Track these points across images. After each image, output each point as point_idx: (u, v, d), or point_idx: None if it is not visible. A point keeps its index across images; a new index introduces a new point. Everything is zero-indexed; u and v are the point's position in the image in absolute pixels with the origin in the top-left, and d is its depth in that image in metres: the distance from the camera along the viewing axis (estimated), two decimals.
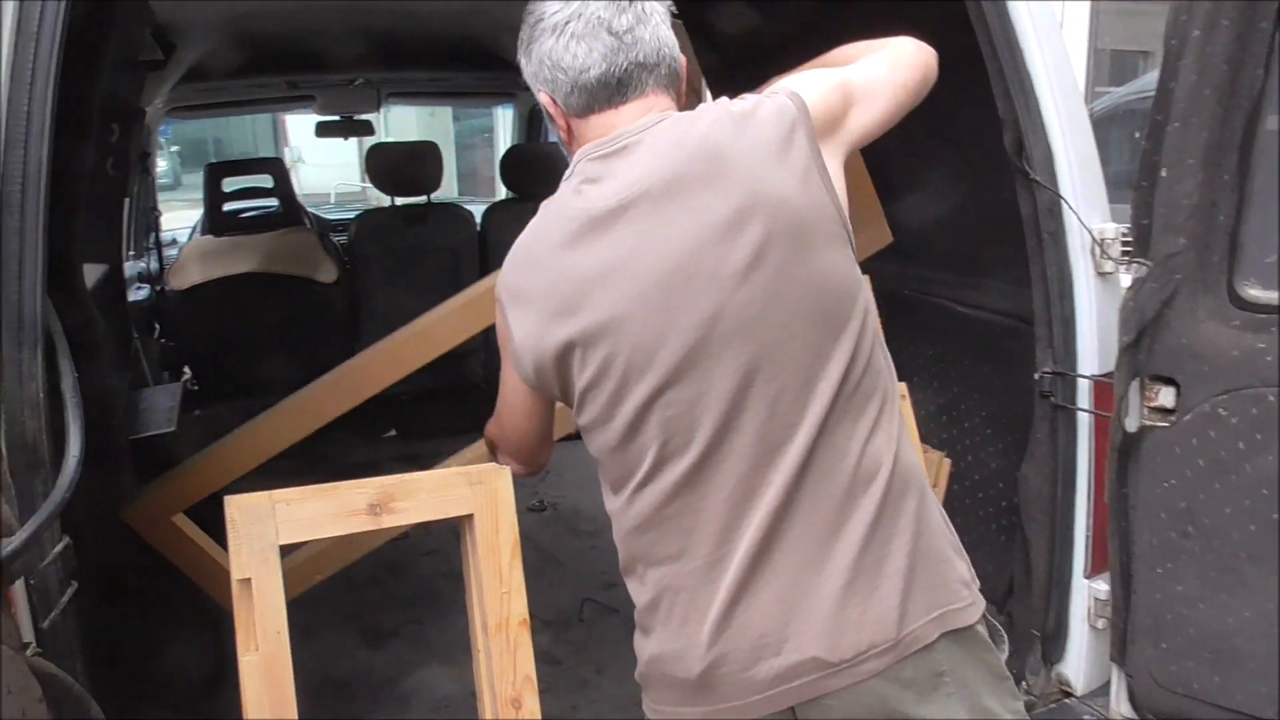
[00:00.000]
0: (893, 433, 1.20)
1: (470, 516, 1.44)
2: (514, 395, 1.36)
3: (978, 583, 1.25)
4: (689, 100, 1.31)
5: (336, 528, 1.38)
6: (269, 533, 1.33)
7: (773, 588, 1.16)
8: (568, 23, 1.19)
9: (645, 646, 1.26)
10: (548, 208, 1.27)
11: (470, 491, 1.44)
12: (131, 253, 4.10)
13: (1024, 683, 1.94)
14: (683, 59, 1.27)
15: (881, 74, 1.30)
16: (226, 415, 3.68)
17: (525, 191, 3.82)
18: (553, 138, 4.79)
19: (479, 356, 3.93)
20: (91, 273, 2.91)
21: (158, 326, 3.66)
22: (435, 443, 4.02)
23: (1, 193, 1.21)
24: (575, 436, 1.38)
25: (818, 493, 1.16)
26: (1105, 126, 7.09)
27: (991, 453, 2.27)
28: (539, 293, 1.22)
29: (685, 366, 1.15)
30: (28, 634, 1.16)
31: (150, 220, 4.15)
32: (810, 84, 1.24)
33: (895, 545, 1.17)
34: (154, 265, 3.79)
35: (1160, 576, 1.65)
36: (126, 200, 3.68)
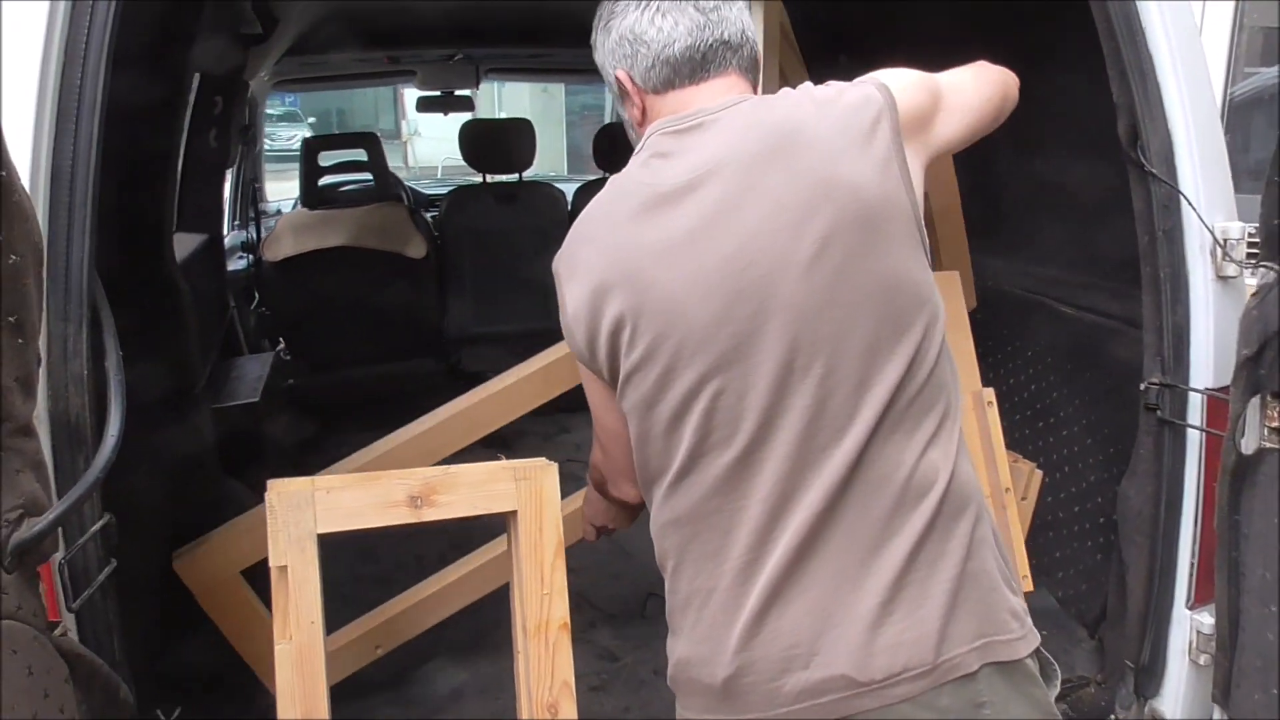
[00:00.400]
0: (951, 450, 1.13)
1: (514, 513, 1.40)
2: (596, 394, 1.28)
3: (1029, 617, 1.17)
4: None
5: (376, 519, 1.35)
6: (307, 520, 1.31)
7: (807, 597, 1.10)
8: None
9: (675, 648, 1.21)
10: (614, 182, 1.23)
11: (515, 487, 1.39)
12: (236, 223, 4.22)
13: (1113, 717, 1.80)
14: (760, 50, 1.24)
15: (968, 86, 1.27)
16: (317, 386, 3.78)
17: (616, 169, 3.75)
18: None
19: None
20: (189, 242, 2.99)
21: (257, 296, 3.75)
22: (518, 421, 4.04)
23: (54, 169, 1.19)
24: None
25: (864, 502, 1.09)
26: (1250, 110, 6.58)
27: (1090, 465, 2.11)
28: (596, 265, 1.17)
29: (736, 355, 1.10)
30: (61, 613, 1.15)
31: (254, 191, 4.25)
32: (899, 79, 1.19)
33: (942, 566, 1.10)
34: (255, 235, 3.88)
35: (1274, 615, 1.49)
36: (230, 171, 3.78)
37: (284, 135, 9.44)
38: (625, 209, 1.17)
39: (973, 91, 1.27)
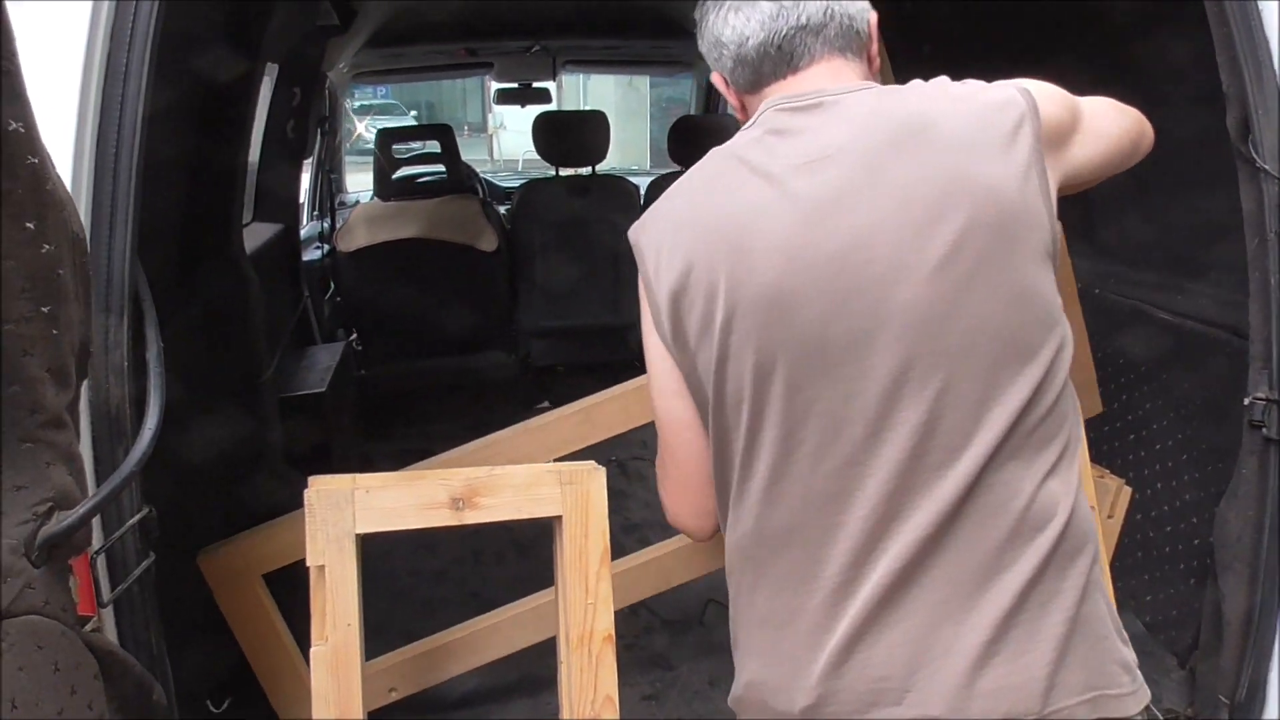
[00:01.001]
0: (1072, 483, 1.02)
1: (559, 518, 1.34)
2: (666, 379, 1.13)
3: (1139, 670, 1.06)
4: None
5: (417, 520, 1.31)
6: (346, 520, 1.27)
7: (904, 627, 1.00)
8: None
9: (746, 667, 1.11)
10: (718, 155, 1.11)
11: (560, 491, 1.33)
12: (315, 213, 4.27)
13: None
14: (870, 16, 1.12)
15: (1108, 115, 1.17)
16: (387, 376, 3.80)
17: (691, 163, 3.68)
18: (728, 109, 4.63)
19: (635, 333, 3.86)
20: (263, 232, 3.02)
21: (332, 285, 3.79)
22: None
23: (98, 159, 1.18)
24: None
25: (976, 530, 0.99)
26: None
27: (1185, 484, 1.97)
28: (690, 241, 1.06)
29: (844, 358, 1.00)
30: (96, 608, 1.14)
31: (332, 182, 4.30)
32: (1041, 88, 1.09)
33: (1055, 608, 0.99)
34: (332, 226, 3.92)
35: None
36: (309, 162, 3.83)
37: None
38: (729, 184, 1.06)
39: (1112, 121, 1.17)
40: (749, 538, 1.07)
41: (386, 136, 3.70)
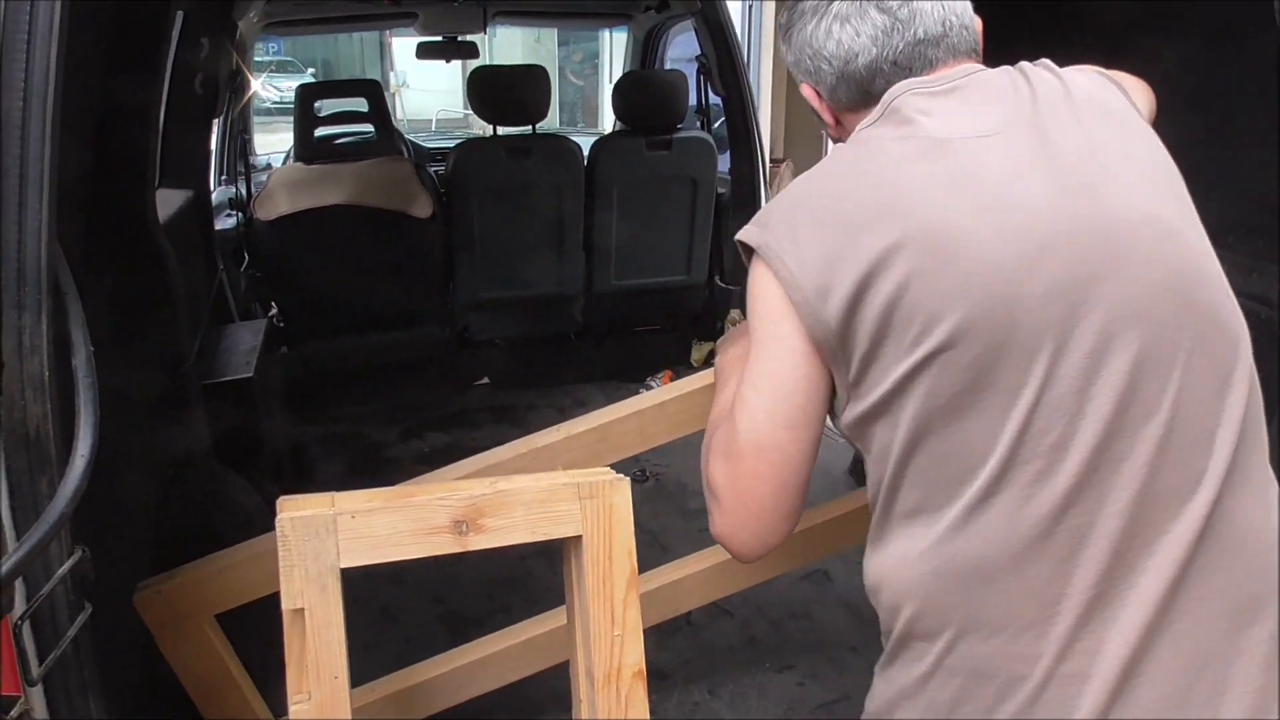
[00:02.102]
0: None
1: (577, 539, 1.15)
2: (795, 395, 0.96)
3: None
4: None
5: (414, 549, 1.10)
6: (328, 553, 1.06)
7: (1161, 687, 0.85)
8: (830, 1, 1.01)
9: None
10: (859, 141, 1.00)
11: (579, 507, 1.14)
12: (224, 177, 3.92)
13: None
14: (977, 19, 1.05)
15: (1153, 103, 1.17)
16: (314, 355, 3.52)
17: (639, 123, 3.47)
18: (669, 63, 4.42)
19: (579, 304, 3.65)
20: (174, 199, 2.70)
21: (247, 257, 3.47)
22: (529, 394, 3.80)
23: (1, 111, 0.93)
24: None
25: (1222, 566, 0.86)
26: None
27: None
28: (854, 215, 0.92)
29: (1079, 348, 0.87)
30: (22, 687, 0.91)
31: (243, 144, 3.94)
32: (1128, 79, 1.10)
33: None
34: (245, 192, 3.59)
35: None
36: (217, 120, 3.48)
37: (284, 86, 8.86)
38: (897, 158, 0.93)
39: (1152, 108, 1.17)
40: (950, 570, 0.89)
41: (308, 92, 3.36)
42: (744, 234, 1.00)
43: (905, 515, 0.93)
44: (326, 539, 1.06)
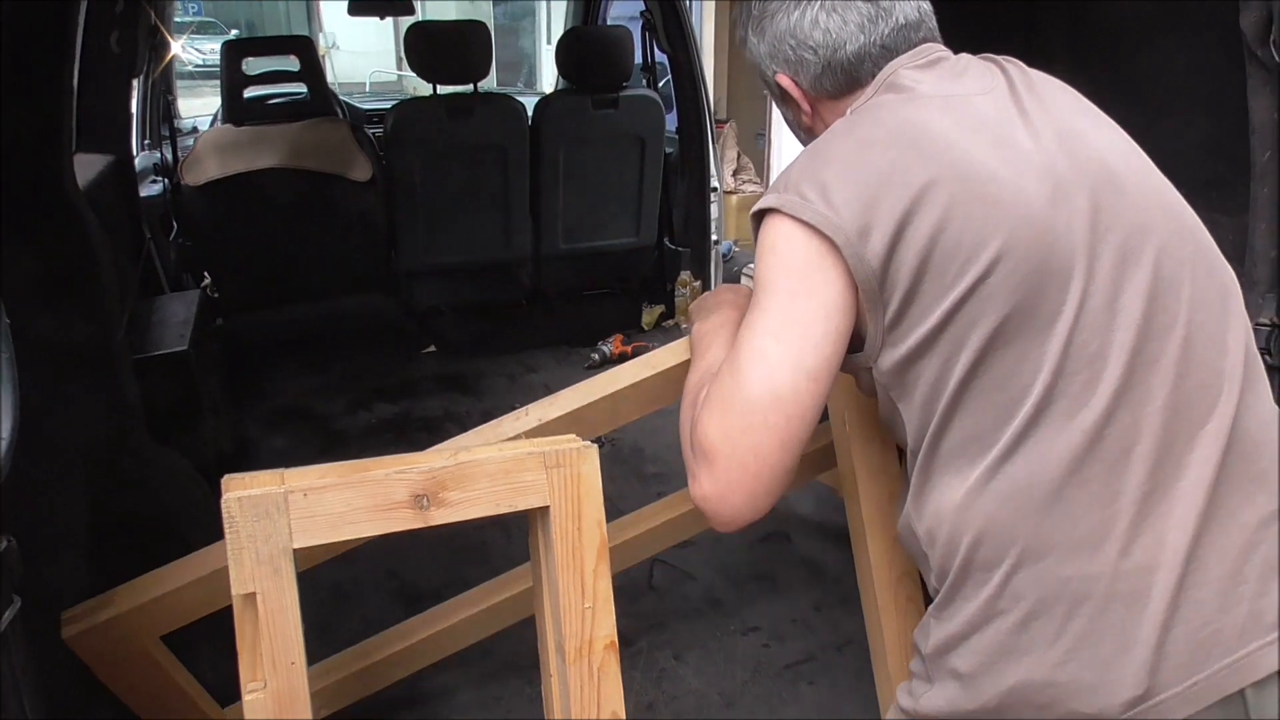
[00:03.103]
0: None
1: (544, 510, 1.10)
2: (821, 349, 0.95)
3: None
4: None
5: (371, 526, 1.04)
6: (280, 534, 0.99)
7: (1223, 560, 0.91)
8: None
9: (1007, 669, 0.93)
10: (865, 110, 1.04)
11: (545, 477, 1.09)
12: (147, 142, 3.73)
13: None
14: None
15: None
16: (251, 326, 3.39)
17: (583, 80, 3.38)
18: (611, 21, 4.31)
19: (527, 269, 3.57)
20: (94, 164, 2.55)
21: (176, 225, 3.32)
22: (478, 361, 3.71)
23: None
24: None
25: (1245, 461, 0.93)
26: None
27: None
28: (880, 161, 0.95)
29: (1098, 268, 0.93)
30: None
31: (166, 106, 3.76)
32: None
33: None
34: (170, 156, 3.42)
35: None
36: (137, 82, 3.30)
37: (206, 48, 8.48)
38: (909, 112, 0.99)
39: None
40: (1003, 505, 0.92)
41: (235, 49, 3.20)
42: (765, 201, 0.99)
43: (953, 452, 0.95)
44: (278, 519, 1.00)
